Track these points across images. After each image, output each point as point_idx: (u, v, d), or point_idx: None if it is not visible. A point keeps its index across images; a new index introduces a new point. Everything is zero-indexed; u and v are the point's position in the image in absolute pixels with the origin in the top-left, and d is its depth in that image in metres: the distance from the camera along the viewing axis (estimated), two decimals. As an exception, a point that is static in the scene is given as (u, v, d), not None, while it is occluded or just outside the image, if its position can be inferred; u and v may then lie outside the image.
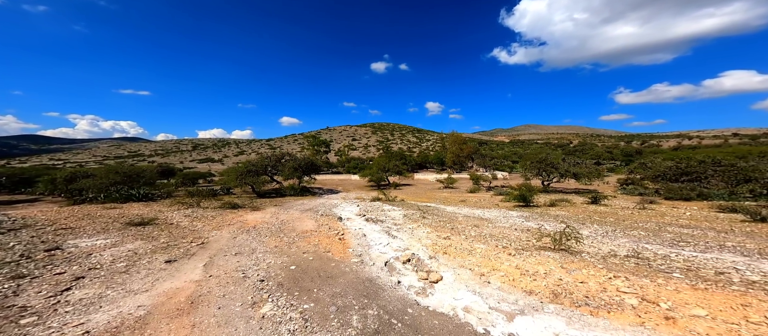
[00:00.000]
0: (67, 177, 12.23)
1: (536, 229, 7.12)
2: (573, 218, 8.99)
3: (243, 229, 7.17)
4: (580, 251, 4.89)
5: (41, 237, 6.54)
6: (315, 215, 9.53)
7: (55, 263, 4.52)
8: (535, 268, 4.09)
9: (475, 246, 5.31)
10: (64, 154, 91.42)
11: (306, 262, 4.50)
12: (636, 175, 19.39)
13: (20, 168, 26.00)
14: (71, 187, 11.55)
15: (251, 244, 5.69)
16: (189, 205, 10.84)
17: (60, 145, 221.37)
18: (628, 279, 3.66)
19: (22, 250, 5.33)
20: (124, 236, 6.49)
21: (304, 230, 7.13)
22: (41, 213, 9.36)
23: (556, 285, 3.56)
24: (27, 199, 12.50)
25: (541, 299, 3.21)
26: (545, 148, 55.00)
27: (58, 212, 9.46)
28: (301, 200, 13.49)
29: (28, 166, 38.53)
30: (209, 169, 36.52)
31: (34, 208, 10.32)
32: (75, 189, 11.37)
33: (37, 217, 8.61)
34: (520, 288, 3.51)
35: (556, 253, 4.80)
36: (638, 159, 34.30)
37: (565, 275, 3.84)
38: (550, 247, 5.07)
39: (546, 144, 66.24)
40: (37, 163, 57.56)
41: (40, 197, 12.86)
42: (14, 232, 6.87)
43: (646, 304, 3.04)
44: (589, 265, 4.21)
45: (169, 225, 7.73)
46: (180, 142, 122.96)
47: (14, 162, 62.32)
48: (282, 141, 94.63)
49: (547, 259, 4.50)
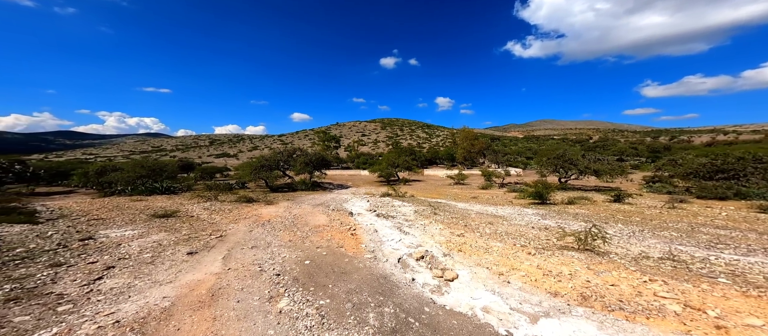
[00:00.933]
0: (98, 170, 12.99)
1: (555, 228, 6.81)
2: (594, 217, 8.55)
3: (258, 223, 7.33)
4: (607, 252, 4.61)
5: (76, 227, 6.99)
6: (326, 210, 9.60)
7: (89, 252, 4.81)
8: (559, 269, 3.89)
9: (492, 244, 5.14)
10: (95, 149, 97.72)
11: (320, 257, 4.52)
12: (664, 173, 18.18)
13: (57, 162, 28.02)
14: (102, 180, 12.24)
15: (266, 238, 5.80)
16: (207, 198, 11.22)
17: (91, 140, 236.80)
18: (666, 283, 3.40)
19: (59, 239, 5.70)
20: (149, 228, 6.81)
21: (316, 225, 7.19)
22: (76, 204, 10.01)
23: (583, 287, 3.36)
24: (63, 191, 13.40)
25: (567, 301, 3.04)
26: (562, 143, 52.69)
27: (91, 203, 10.07)
28: (313, 195, 13.65)
29: (64, 160, 41.50)
30: (225, 163, 37.85)
31: (69, 200, 11.09)
32: (105, 182, 12.02)
33: (72, 208, 9.21)
34: (544, 289, 3.35)
35: (581, 253, 4.55)
36: (666, 155, 32.13)
37: (592, 277, 3.62)
38: (574, 246, 4.82)
39: (563, 140, 63.41)
40: (72, 157, 61.89)
41: (74, 189, 13.75)
42: (52, 222, 7.38)
43: (690, 311, 2.79)
44: (620, 267, 3.96)
45: (189, 217, 8.04)
46: (198, 137, 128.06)
47: (52, 156, 67.34)
48: (293, 136, 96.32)
49: (571, 260, 4.28)
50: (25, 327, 2.38)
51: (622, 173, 16.48)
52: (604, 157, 18.96)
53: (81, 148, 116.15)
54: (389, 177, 23.68)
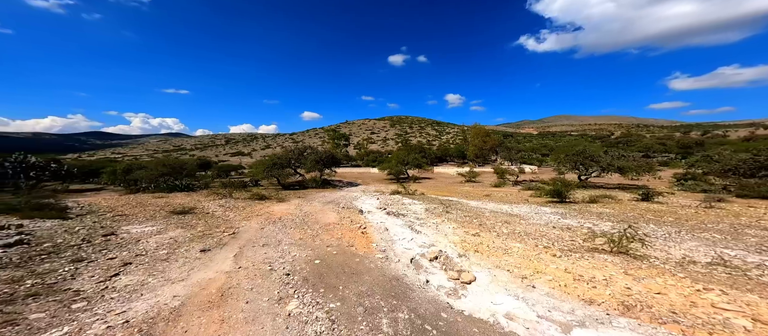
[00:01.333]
0: (125, 169, 13.64)
1: (578, 228, 6.34)
2: (620, 216, 7.93)
3: (270, 221, 7.34)
4: (644, 256, 4.16)
5: (101, 222, 7.27)
6: (336, 207, 9.53)
7: (109, 248, 4.93)
8: (591, 273, 3.53)
9: (511, 245, 4.81)
10: (123, 149, 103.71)
11: (330, 257, 4.38)
12: (697, 170, 16.79)
13: (88, 161, 29.89)
14: (128, 178, 12.75)
15: (277, 236, 5.75)
16: (223, 195, 11.45)
17: (119, 140, 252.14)
18: (725, 293, 2.97)
19: (85, 235, 5.93)
20: (167, 224, 6.97)
21: (326, 223, 7.10)
22: (104, 201, 10.51)
23: (624, 294, 3.00)
24: (94, 188, 14.16)
25: (606, 310, 2.71)
26: (581, 140, 50.12)
27: (117, 200, 10.53)
28: (323, 192, 13.66)
29: (95, 159, 44.33)
30: (240, 162, 38.97)
31: (99, 197, 11.67)
32: (131, 180, 12.52)
33: (100, 205, 9.66)
34: (576, 296, 3.02)
35: (614, 256, 4.13)
36: (699, 151, 29.68)
37: (632, 283, 3.24)
38: (605, 249, 4.39)
39: (582, 136, 60.35)
40: (102, 156, 66.02)
41: (104, 187, 14.46)
42: (80, 218, 7.73)
43: (763, 327, 2.39)
44: (664, 273, 3.53)
45: (205, 214, 8.20)
46: (215, 136, 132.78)
47: (84, 155, 72.18)
48: (304, 135, 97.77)
49: (603, 264, 3.89)
50: (38, 325, 2.39)
51: (649, 170, 15.35)
52: (628, 153, 17.73)
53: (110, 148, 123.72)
54: (399, 175, 23.42)
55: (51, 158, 15.12)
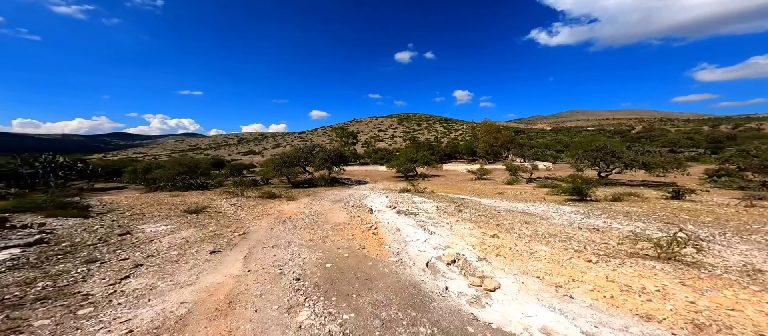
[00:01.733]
0: (144, 168, 14.15)
1: (606, 229, 5.83)
2: (650, 216, 7.30)
3: (280, 220, 7.24)
4: (698, 262, 3.67)
5: (119, 221, 7.40)
6: (346, 206, 9.36)
7: (123, 248, 4.94)
8: (639, 283, 3.11)
9: (536, 248, 4.42)
10: (144, 149, 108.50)
11: (341, 260, 4.17)
12: (731, 165, 15.49)
13: (112, 161, 31.28)
14: (147, 176, 13.16)
15: (287, 236, 5.61)
16: (235, 194, 11.56)
17: (140, 141, 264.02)
18: None
19: (102, 234, 6.01)
20: (180, 223, 6.99)
21: (336, 223, 6.92)
22: (125, 199, 10.81)
23: (689, 310, 2.58)
24: (117, 187, 14.72)
25: (671, 329, 2.31)
26: (598, 135, 47.83)
27: (137, 199, 10.82)
28: (332, 191, 13.58)
29: (118, 159, 46.46)
30: (251, 160, 39.72)
31: (120, 195, 12.09)
32: (150, 178, 12.92)
33: (120, 203, 9.96)
34: (628, 309, 2.63)
35: (662, 263, 3.68)
36: (731, 145, 27.47)
37: (694, 296, 2.80)
38: (651, 254, 3.92)
39: (599, 131, 57.56)
40: (125, 156, 69.22)
41: (126, 185, 15.01)
42: (101, 216, 7.93)
43: None
44: (731, 284, 3.05)
45: (217, 213, 8.22)
46: (227, 136, 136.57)
47: (109, 155, 75.95)
48: (312, 133, 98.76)
49: (651, 271, 3.45)
50: (42, 333, 2.29)
51: (677, 166, 14.26)
52: (654, 148, 16.59)
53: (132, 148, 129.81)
54: (407, 172, 23.09)
55: (77, 158, 15.86)
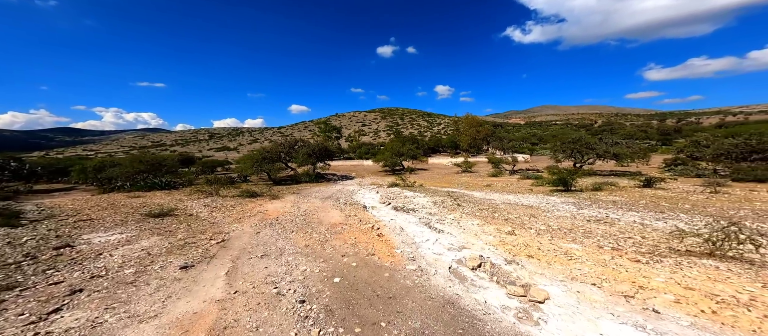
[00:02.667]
0: (96, 167, 12.22)
1: (610, 220, 5.78)
2: (636, 205, 7.52)
3: (265, 222, 6.30)
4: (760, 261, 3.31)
5: (58, 230, 5.94)
6: (337, 204, 8.62)
7: (58, 267, 3.78)
8: (723, 290, 2.68)
9: (566, 246, 4.05)
10: (95, 145, 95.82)
11: (351, 272, 3.48)
12: (683, 155, 17.11)
13: (56, 159, 26.80)
14: (100, 176, 11.46)
15: (277, 242, 4.76)
16: (208, 193, 10.24)
17: (91, 137, 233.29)
18: None
19: (31, 247, 4.66)
20: (141, 230, 5.77)
21: (332, 223, 6.16)
22: (71, 202, 9.06)
23: None
24: (63, 188, 12.53)
25: None
26: (566, 129, 51.27)
27: (87, 201, 9.16)
28: (318, 187, 12.72)
29: (64, 157, 40.18)
30: (226, 157, 36.61)
31: (67, 197, 10.19)
32: (104, 178, 11.28)
33: (64, 207, 8.25)
34: (750, 330, 2.14)
35: (720, 261, 3.33)
36: (676, 138, 30.79)
37: None
38: (702, 251, 3.56)
39: (566, 125, 61.83)
40: (72, 154, 60.34)
41: (75, 186, 12.86)
42: (34, 224, 6.34)
43: None
44: None
45: (188, 216, 7.01)
46: (197, 131, 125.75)
47: (52, 153, 65.76)
48: (293, 128, 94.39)
49: (719, 273, 3.03)
50: None
51: (643, 157, 15.42)
52: (620, 140, 17.82)
53: (81, 145, 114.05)
54: (394, 166, 22.65)
55: (10, 156, 13.23)
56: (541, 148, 38.19)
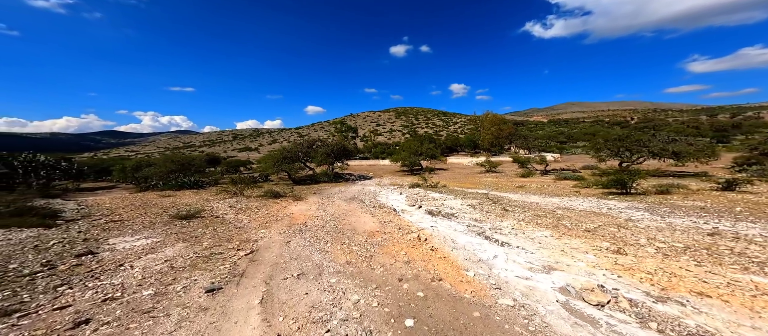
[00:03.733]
0: (134, 166, 12.75)
1: (729, 233, 4.39)
2: (728, 211, 5.96)
3: (293, 228, 5.60)
4: None
5: (87, 232, 5.64)
6: (364, 206, 7.87)
7: (73, 282, 3.24)
8: None
9: (731, 275, 2.83)
10: (136, 146, 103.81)
11: (422, 308, 2.54)
12: (757, 152, 14.49)
13: (100, 159, 28.76)
14: (137, 175, 11.90)
15: (313, 256, 3.98)
16: (233, 193, 9.98)
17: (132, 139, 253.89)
18: None
19: (55, 254, 4.25)
20: (167, 235, 5.29)
21: (368, 231, 5.32)
22: (110, 200, 9.26)
23: None
24: (106, 186, 13.09)
25: None
26: (597, 126, 47.11)
27: (123, 200, 9.31)
28: (338, 187, 12.15)
29: (108, 158, 43.33)
30: (248, 157, 37.49)
31: (107, 196, 10.43)
32: (141, 177, 11.72)
33: (102, 206, 8.34)
34: None
35: None
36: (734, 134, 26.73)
37: None
38: None
39: (596, 122, 56.97)
40: (116, 155, 65.43)
41: (116, 184, 13.39)
42: (68, 225, 6.15)
43: None
44: None
45: (214, 219, 6.52)
46: (222, 133, 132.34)
47: (100, 154, 71.77)
48: (309, 129, 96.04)
49: None
50: None
51: (711, 155, 13.13)
52: (679, 137, 15.45)
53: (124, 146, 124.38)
54: (413, 166, 21.64)
55: (61, 157, 14.21)
56: (570, 147, 35.34)
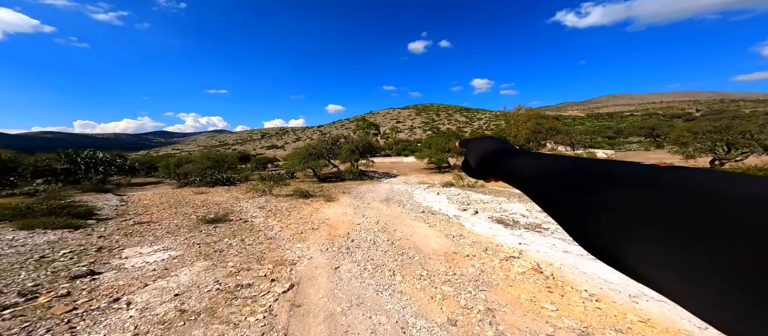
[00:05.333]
0: (176, 163, 13.26)
1: None
2: None
3: (336, 242, 4.35)
4: None
5: (109, 237, 4.92)
6: (404, 209, 6.71)
7: (40, 329, 2.25)
8: None
9: None
10: (181, 145, 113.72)
11: None
12: None
13: (151, 156, 31.04)
14: (178, 171, 12.55)
15: (383, 300, 2.62)
16: (262, 191, 9.23)
17: (178, 138, 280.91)
18: None
19: (49, 273, 3.39)
20: (188, 246, 4.33)
21: (440, 251, 3.86)
22: (152, 196, 9.30)
23: None
24: (154, 181, 13.62)
25: None
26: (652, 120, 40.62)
27: (162, 196, 9.28)
28: (365, 185, 11.07)
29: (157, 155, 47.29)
30: (275, 155, 38.22)
31: (152, 190, 10.62)
32: (181, 173, 12.38)
33: (141, 202, 8.18)
34: None
35: None
36: None
37: None
38: None
39: (648, 115, 49.36)
40: (165, 153, 71.93)
41: (162, 180, 13.97)
42: (94, 226, 5.56)
43: None
44: None
45: (242, 224, 5.56)
46: (252, 132, 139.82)
47: (152, 152, 79.66)
48: (331, 126, 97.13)
49: None
50: None
51: None
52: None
53: (171, 145, 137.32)
54: (440, 163, 19.82)
55: (117, 154, 15.12)
56: (622, 142, 30.92)
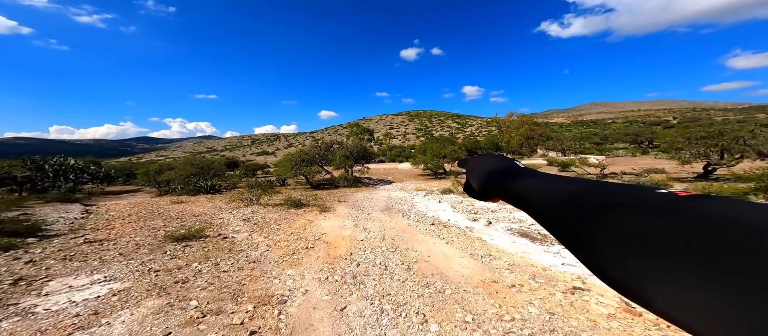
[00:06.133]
0: (157, 170, 12.25)
1: None
2: None
3: (337, 266, 3.43)
4: None
5: (42, 262, 3.78)
6: (410, 221, 6.00)
7: None
8: None
9: None
10: (165, 151, 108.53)
11: None
12: None
13: (130, 163, 28.71)
14: (159, 178, 11.65)
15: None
16: (249, 200, 8.11)
17: (163, 144, 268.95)
18: None
19: None
20: (142, 275, 3.28)
21: (474, 282, 3.03)
22: (123, 206, 8.17)
23: None
24: (132, 190, 12.60)
25: None
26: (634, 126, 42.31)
27: (134, 206, 8.20)
28: (361, 193, 10.22)
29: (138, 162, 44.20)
30: (265, 161, 36.54)
31: (125, 200, 9.45)
32: (162, 180, 11.49)
33: (106, 214, 7.00)
34: None
35: None
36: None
37: None
38: None
39: (629, 122, 51.55)
40: (147, 159, 67.84)
41: (141, 188, 13.02)
42: (34, 247, 4.35)
43: None
44: None
45: (219, 242, 4.51)
46: (242, 137, 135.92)
47: (133, 158, 74.96)
48: (323, 133, 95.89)
49: None
50: None
51: None
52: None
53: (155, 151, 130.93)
54: (436, 169, 19.30)
55: (91, 161, 13.66)
56: (609, 148, 31.76)
